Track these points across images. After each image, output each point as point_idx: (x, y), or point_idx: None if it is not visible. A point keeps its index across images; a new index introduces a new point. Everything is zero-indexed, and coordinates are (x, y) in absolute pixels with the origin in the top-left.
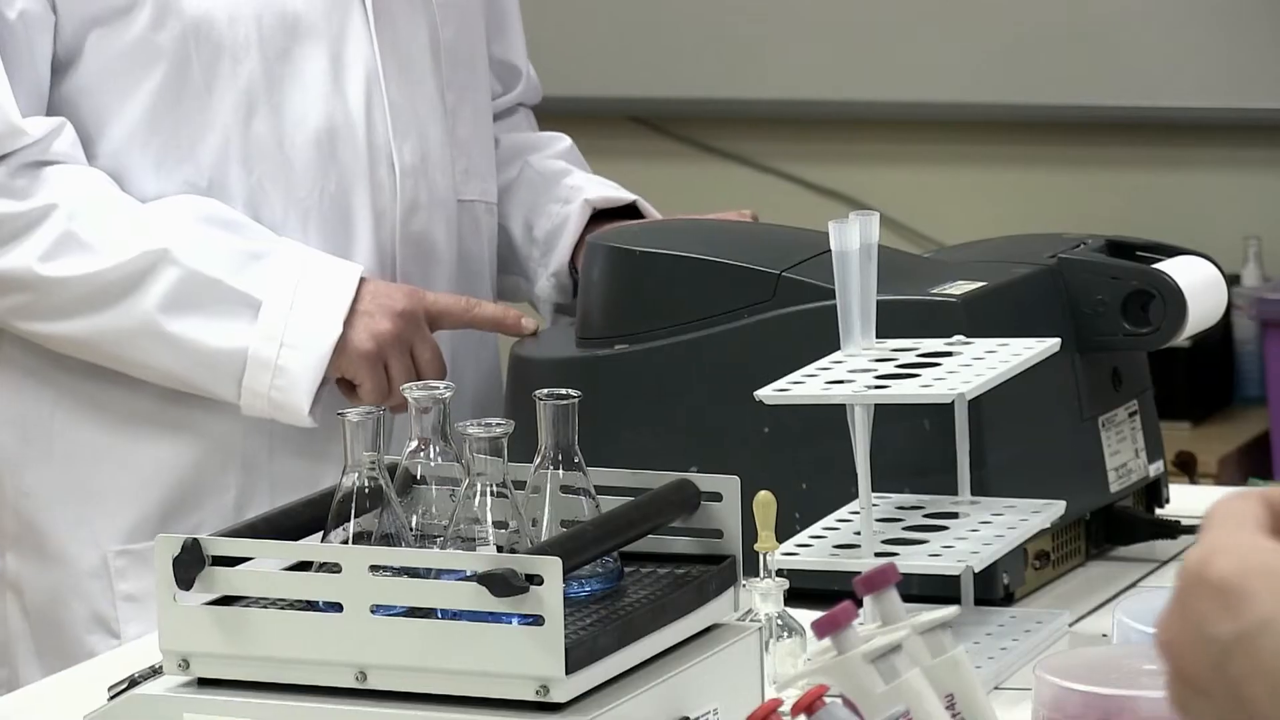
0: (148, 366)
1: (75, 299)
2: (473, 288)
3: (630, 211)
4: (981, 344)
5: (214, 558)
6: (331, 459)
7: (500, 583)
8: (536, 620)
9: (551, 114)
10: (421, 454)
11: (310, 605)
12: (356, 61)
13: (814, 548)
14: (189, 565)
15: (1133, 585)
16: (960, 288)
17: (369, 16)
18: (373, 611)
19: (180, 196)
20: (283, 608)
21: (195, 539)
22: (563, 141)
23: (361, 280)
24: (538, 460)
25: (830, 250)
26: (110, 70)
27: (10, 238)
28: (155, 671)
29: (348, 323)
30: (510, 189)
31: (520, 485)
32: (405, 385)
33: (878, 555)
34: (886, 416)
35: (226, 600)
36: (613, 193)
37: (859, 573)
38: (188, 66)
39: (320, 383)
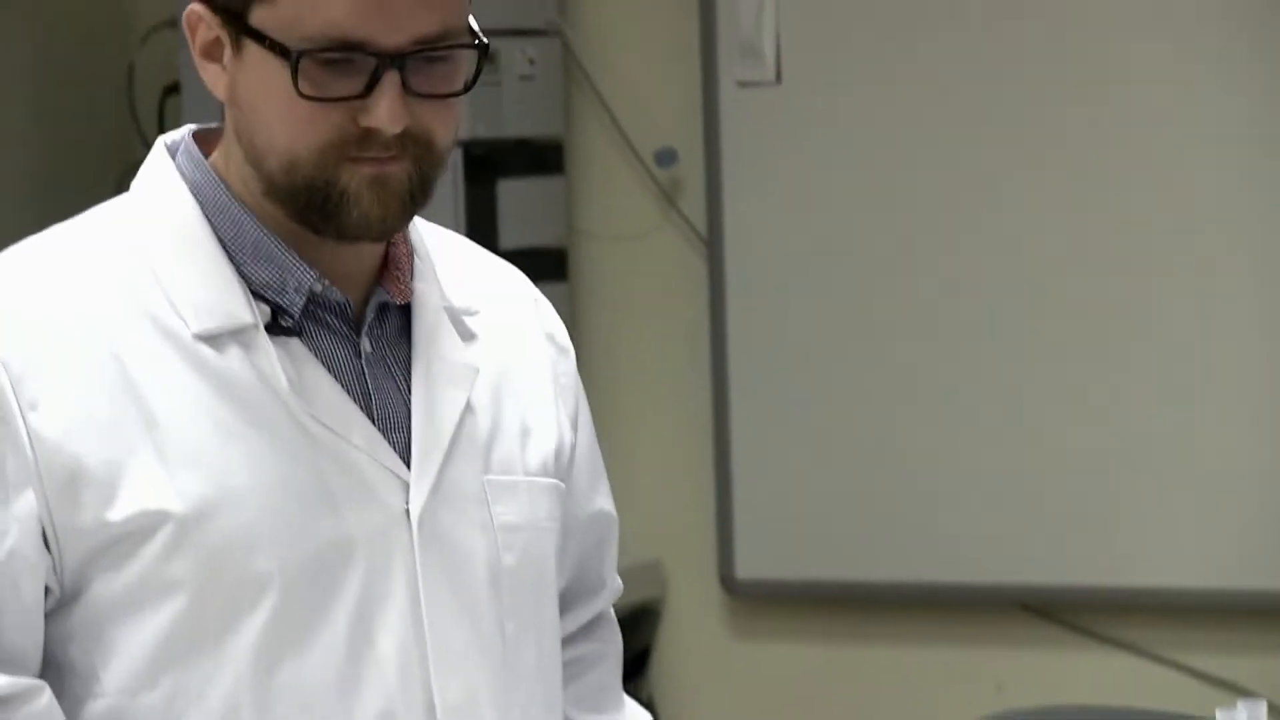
0: None
1: None
2: None
3: None
4: None
5: None
6: None
7: None
8: None
9: (941, 601)
10: None
11: None
12: (397, 591)
13: None
14: None
15: None
16: None
17: (414, 542)
18: None
19: None
20: None
21: None
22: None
23: None
24: None
25: None
26: (116, 604)
27: None
28: None
29: None
30: None
31: None
32: None
33: None
34: None
35: None
36: None
37: None
38: (203, 601)
39: None
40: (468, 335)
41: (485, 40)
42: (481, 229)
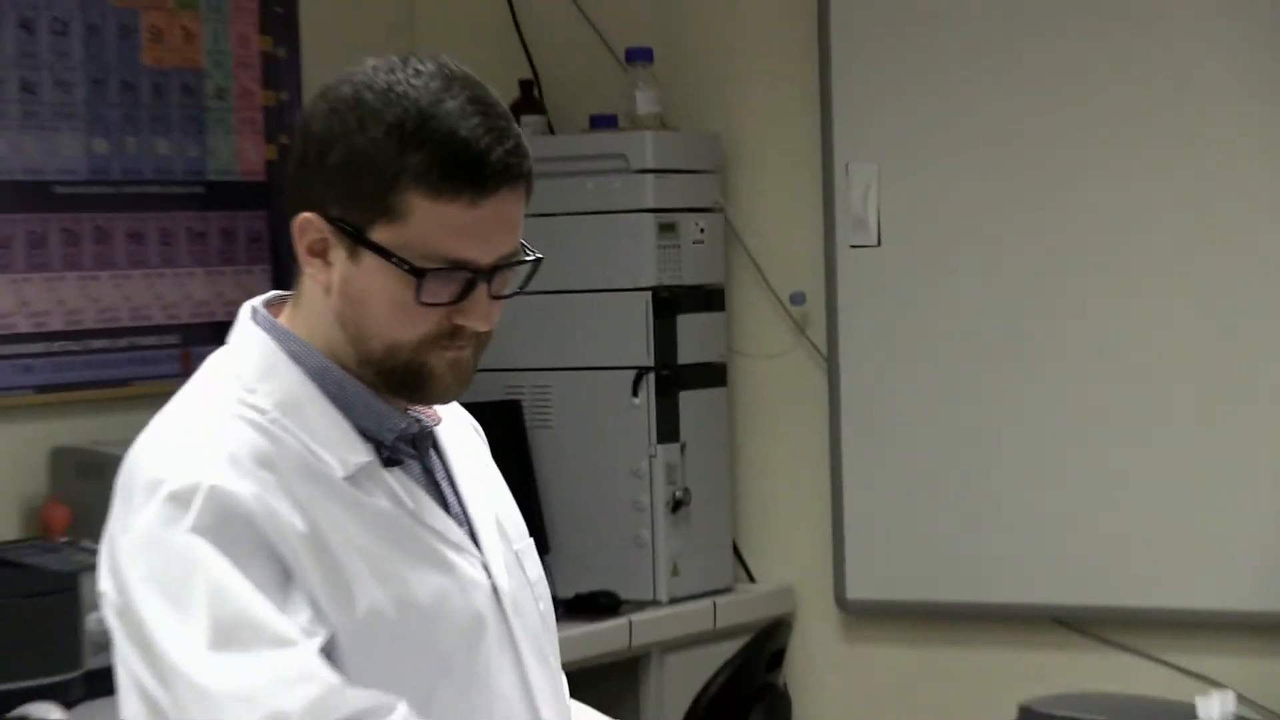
0: None
1: None
2: None
3: None
4: None
5: None
6: None
7: None
8: None
9: (994, 615)
10: None
11: None
12: (505, 650)
13: None
14: None
15: None
16: None
17: (504, 609)
18: None
19: None
20: None
21: None
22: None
23: None
24: None
25: (1199, 717)
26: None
27: None
28: None
29: None
30: None
31: None
32: None
33: None
34: None
35: None
36: None
37: None
38: (403, 662)
39: None
40: (456, 444)
41: (539, 254)
42: (665, 351)
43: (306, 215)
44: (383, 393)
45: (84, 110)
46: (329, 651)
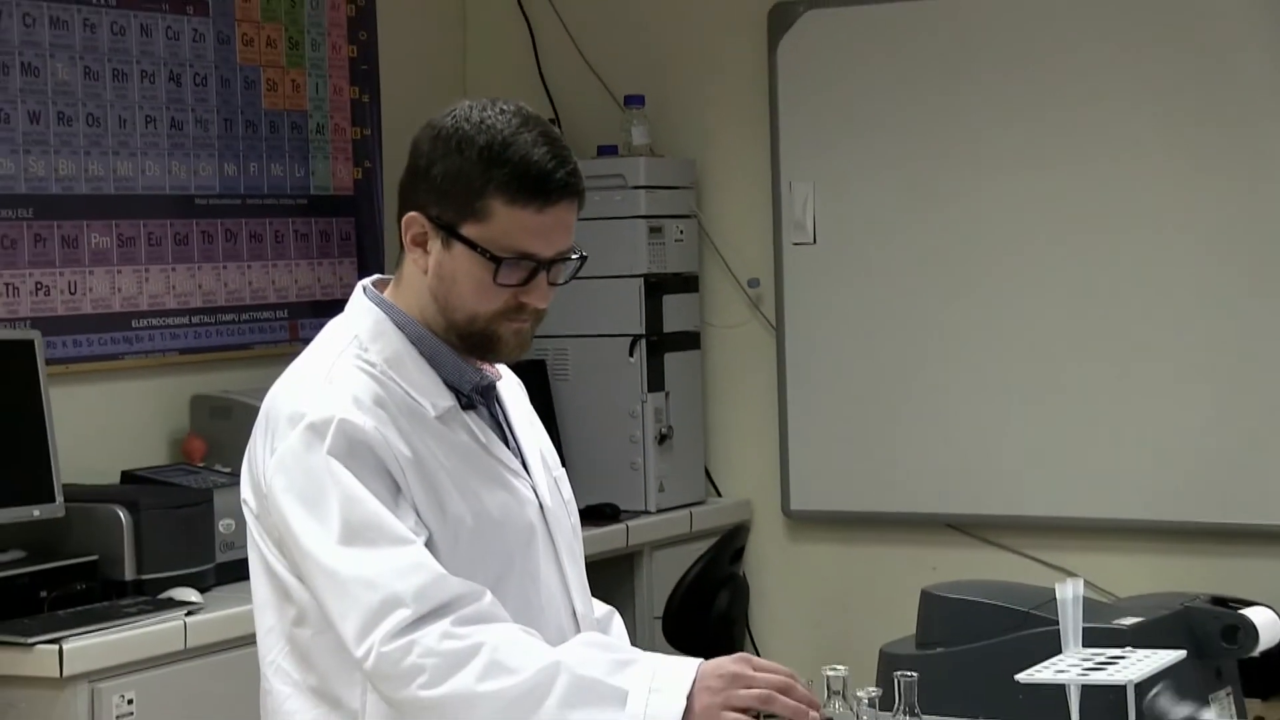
0: None
1: (503, 705)
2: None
3: None
4: (1142, 654)
5: None
6: None
7: None
8: None
9: (903, 521)
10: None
11: None
12: (546, 549)
13: None
14: None
15: None
16: (1129, 620)
17: (546, 519)
18: None
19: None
20: None
21: None
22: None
23: (699, 666)
24: (896, 709)
25: (1056, 598)
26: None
27: (455, 667)
28: None
29: (691, 695)
30: None
31: None
32: (825, 667)
33: None
34: (1088, 691)
35: None
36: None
37: None
38: (469, 555)
39: None
40: (510, 395)
41: (585, 253)
42: (653, 322)
43: (412, 214)
44: (461, 353)
45: (218, 142)
46: (430, 549)
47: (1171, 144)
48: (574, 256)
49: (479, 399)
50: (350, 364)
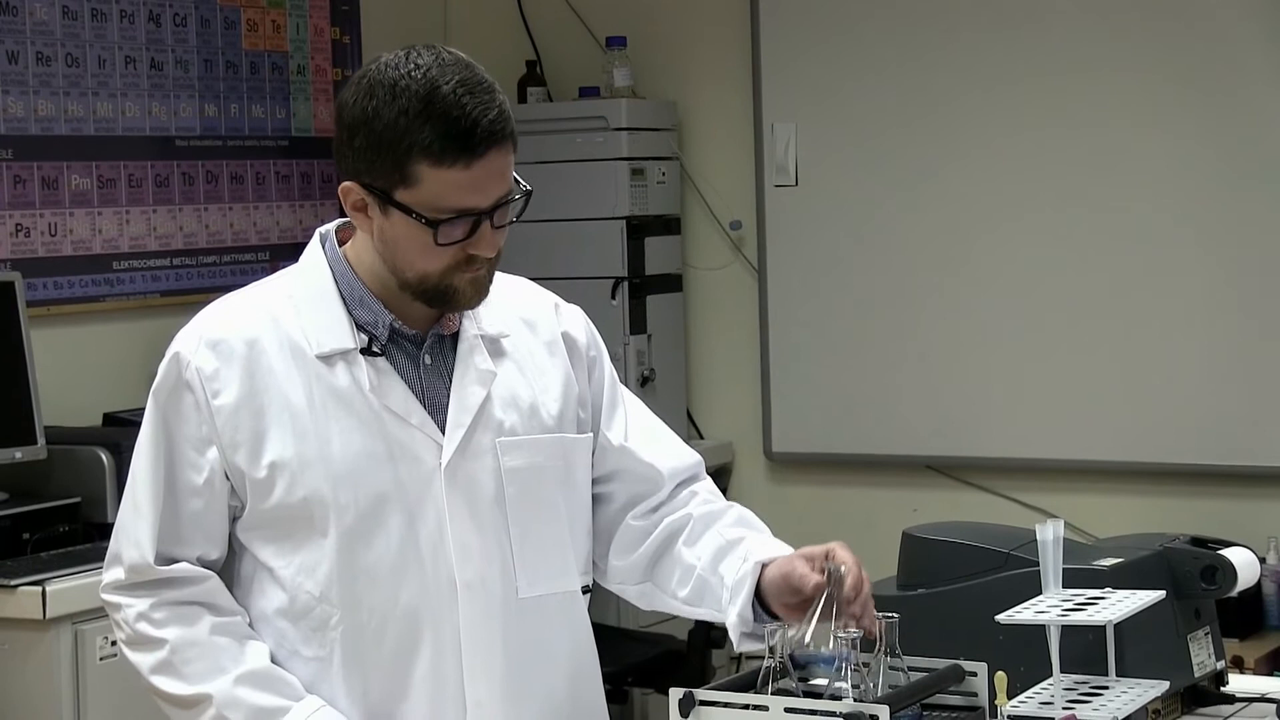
0: None
1: (163, 702)
2: (576, 661)
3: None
4: (1121, 594)
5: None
6: None
7: (856, 717)
8: None
9: (884, 463)
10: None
11: None
12: (430, 515)
13: (1029, 704)
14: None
15: None
16: (1109, 562)
17: (442, 483)
18: None
19: (255, 653)
20: None
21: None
22: (736, 510)
23: None
24: (877, 649)
25: (1037, 539)
26: (265, 516)
27: (140, 646)
28: None
29: None
30: (709, 551)
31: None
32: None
33: (1065, 708)
34: (1067, 631)
35: None
36: (774, 551)
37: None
38: (310, 516)
39: None
40: (496, 352)
41: (530, 187)
42: (635, 264)
43: (347, 184)
44: (400, 302)
45: (198, 83)
46: (246, 491)
47: (1160, 92)
48: (516, 197)
49: (406, 350)
50: (253, 294)
